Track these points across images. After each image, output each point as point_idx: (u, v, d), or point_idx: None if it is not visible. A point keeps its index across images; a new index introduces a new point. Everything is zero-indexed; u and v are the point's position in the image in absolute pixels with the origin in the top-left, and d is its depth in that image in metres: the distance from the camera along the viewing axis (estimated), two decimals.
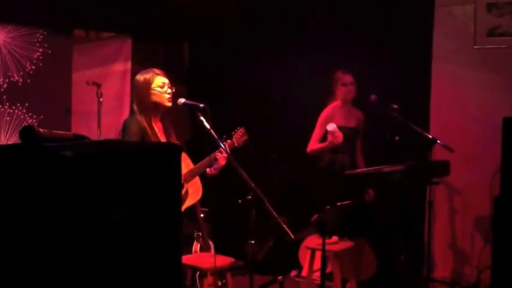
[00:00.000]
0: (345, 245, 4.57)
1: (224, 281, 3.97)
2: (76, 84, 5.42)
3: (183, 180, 3.61)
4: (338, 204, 3.78)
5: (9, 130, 4.98)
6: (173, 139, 3.67)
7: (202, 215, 4.18)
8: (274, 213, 3.11)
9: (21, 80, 5.02)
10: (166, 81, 3.61)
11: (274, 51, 5.70)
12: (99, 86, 5.29)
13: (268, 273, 5.05)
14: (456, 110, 5.21)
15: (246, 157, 3.61)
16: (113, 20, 5.57)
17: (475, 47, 5.16)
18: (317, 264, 4.39)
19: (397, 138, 4.63)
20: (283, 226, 3.13)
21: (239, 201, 3.30)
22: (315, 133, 4.87)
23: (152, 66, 3.76)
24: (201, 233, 4.49)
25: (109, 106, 5.55)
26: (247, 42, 5.85)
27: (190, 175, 3.71)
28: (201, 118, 3.34)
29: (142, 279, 2.01)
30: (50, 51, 5.16)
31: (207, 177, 3.80)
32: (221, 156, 3.66)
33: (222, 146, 3.40)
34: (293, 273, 5.43)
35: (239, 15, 5.72)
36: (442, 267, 5.27)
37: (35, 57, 5.10)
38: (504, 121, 4.15)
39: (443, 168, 4.53)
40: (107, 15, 5.49)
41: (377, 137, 4.94)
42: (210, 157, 3.70)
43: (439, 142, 4.55)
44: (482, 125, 5.05)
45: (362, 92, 4.85)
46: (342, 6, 5.46)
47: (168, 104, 3.58)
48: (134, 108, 3.60)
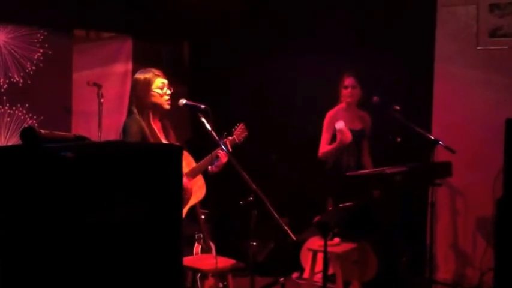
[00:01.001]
0: (347, 246, 4.55)
1: (225, 283, 3.96)
2: (76, 85, 5.41)
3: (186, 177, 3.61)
4: (340, 205, 3.76)
5: (10, 131, 4.96)
6: (172, 139, 3.67)
7: (203, 216, 4.17)
8: (275, 215, 3.11)
9: (21, 80, 5.01)
10: (165, 82, 3.61)
11: (275, 51, 5.69)
12: (99, 87, 5.29)
13: (270, 275, 5.03)
14: (458, 111, 5.19)
15: (246, 157, 3.60)
16: (113, 19, 5.57)
17: (478, 47, 5.14)
18: (319, 266, 4.38)
19: (399, 139, 4.61)
20: (285, 227, 3.13)
21: (240, 203, 3.30)
22: (323, 137, 4.89)
23: (153, 66, 3.74)
24: (202, 235, 4.47)
25: (109, 106, 5.53)
26: (248, 42, 5.84)
27: (192, 173, 3.71)
28: (203, 119, 3.35)
29: (142, 280, 2.01)
30: (50, 52, 5.15)
31: (209, 174, 3.81)
32: (222, 153, 3.67)
33: (223, 147, 3.39)
34: (295, 275, 5.41)
35: (239, 15, 5.71)
36: (444, 269, 5.25)
37: (36, 57, 5.09)
38: (507, 122, 4.14)
39: (446, 169, 4.50)
40: (107, 15, 5.48)
41: (379, 138, 4.93)
42: (212, 155, 3.72)
43: (441, 143, 4.54)
44: (484, 126, 5.02)
45: (364, 93, 4.85)
46: (344, 7, 5.46)
47: (167, 107, 3.60)
48: (132, 108, 3.58)
